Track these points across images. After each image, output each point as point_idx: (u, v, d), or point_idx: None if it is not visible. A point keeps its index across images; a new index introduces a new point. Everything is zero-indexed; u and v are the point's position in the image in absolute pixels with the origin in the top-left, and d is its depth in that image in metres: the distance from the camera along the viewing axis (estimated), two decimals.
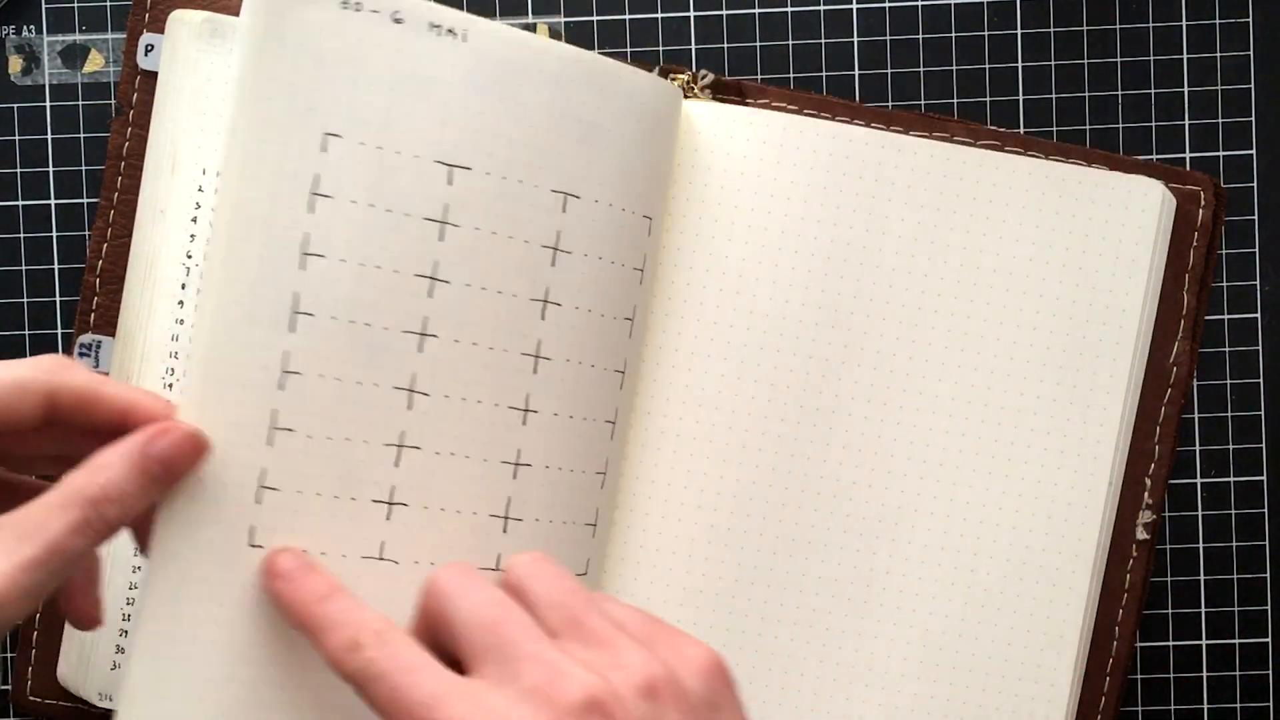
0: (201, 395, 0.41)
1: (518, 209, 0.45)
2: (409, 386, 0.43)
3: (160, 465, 0.38)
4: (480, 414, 0.45)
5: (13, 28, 0.53)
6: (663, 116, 0.48)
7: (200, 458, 0.40)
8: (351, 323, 0.42)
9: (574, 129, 0.45)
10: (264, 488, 0.42)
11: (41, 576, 0.36)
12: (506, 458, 0.45)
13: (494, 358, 0.45)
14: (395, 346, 0.43)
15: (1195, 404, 0.54)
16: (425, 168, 0.43)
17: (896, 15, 0.53)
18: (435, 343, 0.44)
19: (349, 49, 0.42)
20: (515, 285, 0.45)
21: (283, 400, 0.42)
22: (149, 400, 0.40)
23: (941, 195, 0.49)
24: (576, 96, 0.45)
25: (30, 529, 0.36)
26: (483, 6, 0.53)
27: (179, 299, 0.50)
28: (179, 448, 0.39)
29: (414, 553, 0.44)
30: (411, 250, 0.43)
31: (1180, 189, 0.50)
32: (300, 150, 0.42)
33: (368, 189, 0.42)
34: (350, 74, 0.42)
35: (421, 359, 0.44)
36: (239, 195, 0.41)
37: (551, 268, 0.45)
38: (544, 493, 0.46)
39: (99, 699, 0.51)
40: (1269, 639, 0.54)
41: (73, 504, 0.37)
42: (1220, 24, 0.53)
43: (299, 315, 0.42)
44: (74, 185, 0.53)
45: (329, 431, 0.42)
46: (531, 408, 0.45)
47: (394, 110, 0.43)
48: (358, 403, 0.43)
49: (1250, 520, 0.54)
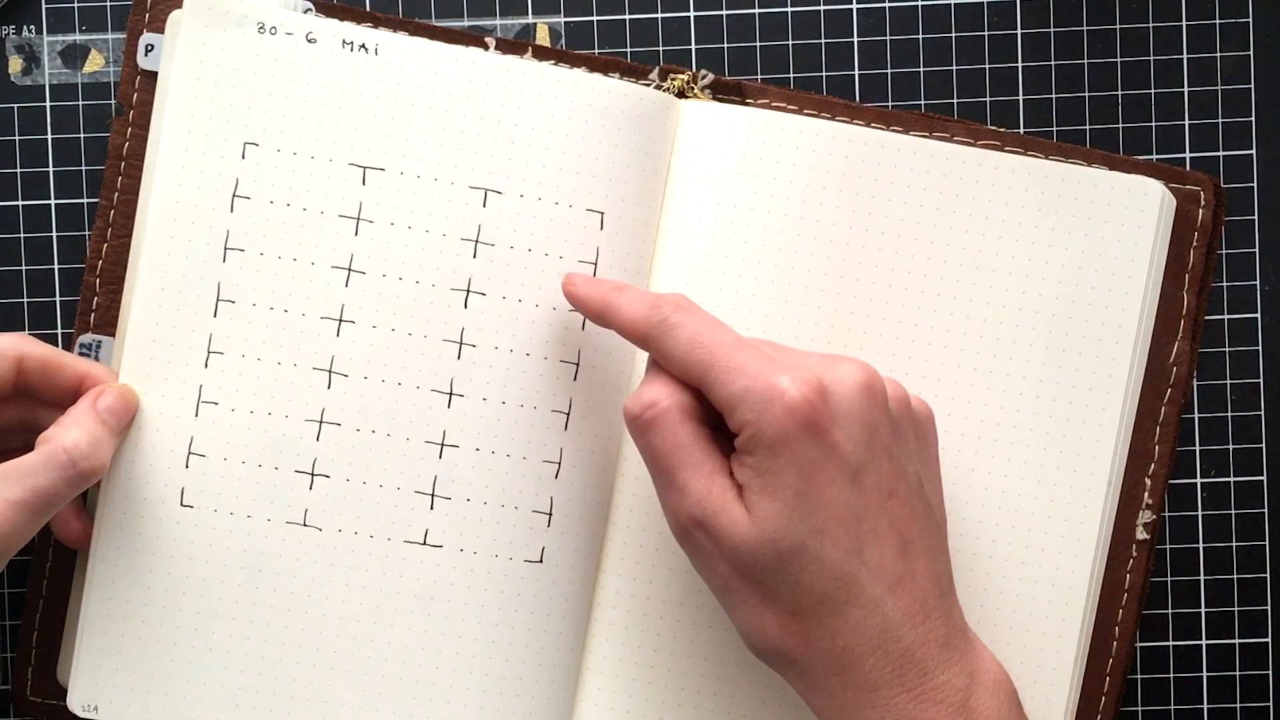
0: (135, 373, 0.49)
1: (433, 205, 0.49)
2: (328, 368, 0.49)
3: (110, 414, 0.47)
4: (401, 395, 0.49)
5: (13, 28, 0.53)
6: (615, 114, 0.49)
7: (135, 409, 0.48)
8: (271, 309, 0.49)
9: (491, 129, 0.49)
10: (193, 454, 0.49)
11: (26, 516, 0.44)
12: (431, 438, 0.49)
13: (413, 343, 0.49)
14: (313, 331, 0.49)
15: (1195, 404, 0.54)
16: (339, 170, 0.49)
17: (896, 15, 0.53)
18: (352, 328, 0.49)
19: (266, 67, 0.48)
20: (434, 276, 0.49)
21: (208, 377, 0.49)
22: (99, 370, 0.48)
23: (941, 195, 0.49)
24: (494, 98, 0.49)
25: (14, 476, 0.44)
26: (483, 6, 0.53)
27: None
28: (120, 400, 0.47)
29: (337, 521, 0.49)
30: (326, 244, 0.49)
31: (1180, 189, 0.50)
32: (222, 157, 0.48)
33: (284, 190, 0.49)
34: (267, 89, 0.48)
35: (339, 343, 0.49)
36: (167, 197, 0.48)
37: (473, 259, 0.49)
38: (474, 474, 0.49)
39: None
40: (1269, 639, 0.54)
41: (51, 455, 0.45)
42: (1220, 24, 0.53)
43: (222, 302, 0.49)
44: (74, 185, 0.53)
45: (251, 406, 0.49)
46: (457, 391, 0.49)
47: (308, 120, 0.49)
48: (278, 381, 0.49)
49: (1250, 520, 0.54)
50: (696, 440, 0.43)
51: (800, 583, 0.41)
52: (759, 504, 0.41)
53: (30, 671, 0.51)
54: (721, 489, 0.42)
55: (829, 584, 0.41)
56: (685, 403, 0.43)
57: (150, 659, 0.49)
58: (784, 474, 0.41)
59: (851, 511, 0.41)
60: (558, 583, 0.50)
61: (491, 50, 0.51)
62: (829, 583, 0.41)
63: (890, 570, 0.42)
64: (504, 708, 0.49)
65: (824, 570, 0.41)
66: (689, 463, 0.42)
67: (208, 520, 0.49)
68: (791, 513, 0.41)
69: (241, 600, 0.49)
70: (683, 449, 0.42)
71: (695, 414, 0.43)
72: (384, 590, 0.49)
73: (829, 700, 0.42)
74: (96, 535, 0.49)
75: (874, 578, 0.42)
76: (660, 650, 0.50)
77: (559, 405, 0.49)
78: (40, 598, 0.51)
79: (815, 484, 0.41)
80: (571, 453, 0.49)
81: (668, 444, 0.43)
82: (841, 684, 0.42)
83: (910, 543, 0.42)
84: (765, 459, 0.41)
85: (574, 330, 0.49)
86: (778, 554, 0.41)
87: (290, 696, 0.49)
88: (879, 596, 0.41)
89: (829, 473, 0.41)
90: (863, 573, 0.41)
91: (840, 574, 0.41)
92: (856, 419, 0.42)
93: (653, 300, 0.44)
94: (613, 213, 0.49)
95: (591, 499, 0.50)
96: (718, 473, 0.42)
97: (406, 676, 0.49)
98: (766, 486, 0.41)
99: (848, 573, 0.41)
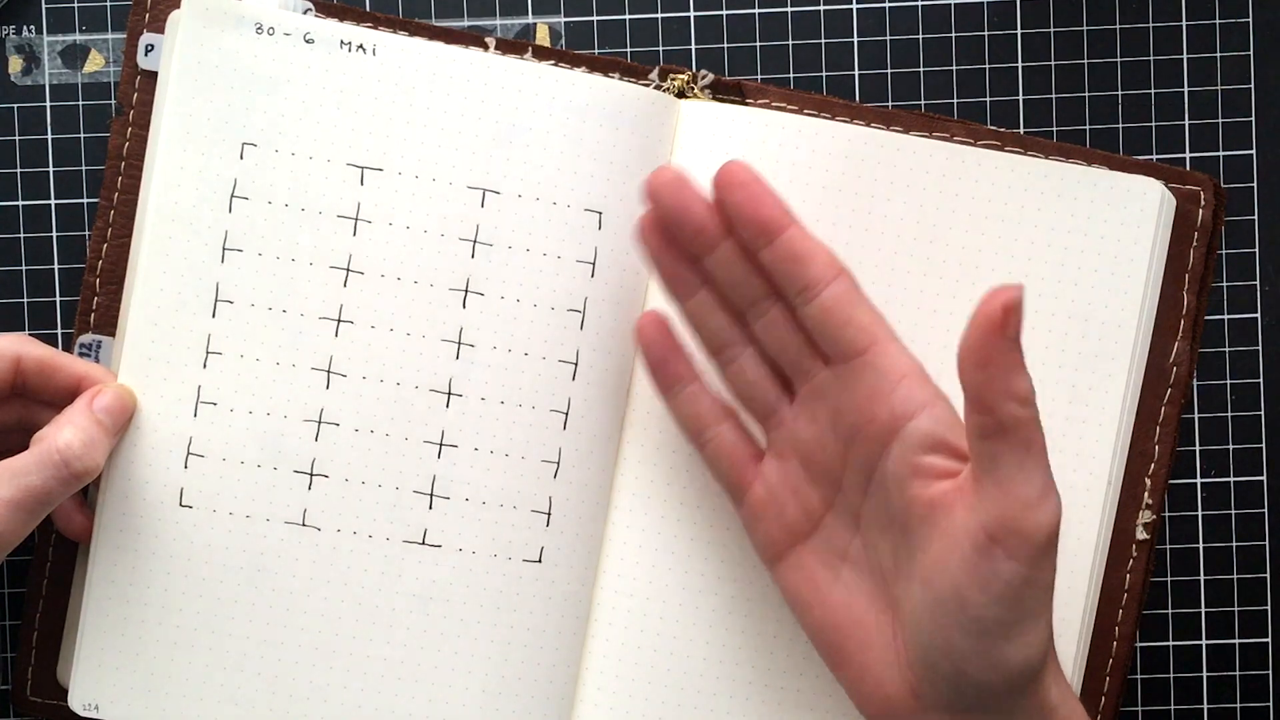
0: (134, 373, 0.48)
1: (431, 205, 0.49)
2: (326, 368, 0.49)
3: (107, 414, 0.47)
4: (399, 395, 0.49)
5: (13, 28, 0.53)
6: (614, 114, 0.49)
7: (132, 409, 0.48)
8: (269, 309, 0.49)
9: (489, 129, 0.49)
10: (192, 454, 0.49)
11: (20, 515, 0.44)
12: (429, 437, 0.49)
13: (412, 343, 0.49)
14: (311, 331, 0.49)
15: (1195, 404, 0.53)
16: (337, 170, 0.49)
17: (896, 15, 0.53)
18: (351, 328, 0.49)
19: (264, 68, 0.48)
20: (432, 275, 0.49)
21: (206, 377, 0.49)
22: (98, 370, 0.48)
23: (941, 195, 0.49)
24: (492, 98, 0.49)
25: (7, 476, 0.44)
26: (483, 6, 0.53)
27: None
28: (117, 400, 0.47)
29: (336, 521, 0.49)
30: (325, 244, 0.49)
31: (1180, 189, 0.50)
32: (220, 158, 0.48)
33: (282, 191, 0.49)
34: (265, 89, 0.48)
35: (338, 343, 0.49)
36: (165, 198, 0.48)
37: (471, 259, 0.49)
38: (473, 474, 0.49)
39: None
40: (1269, 639, 0.54)
41: (45, 454, 0.45)
42: (1220, 24, 0.53)
43: (220, 302, 0.49)
44: (74, 185, 0.53)
45: (250, 406, 0.49)
46: (455, 391, 0.49)
47: (306, 120, 0.48)
48: (276, 381, 0.49)
49: (1250, 520, 0.54)
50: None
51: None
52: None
53: (30, 671, 0.51)
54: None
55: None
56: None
57: (150, 658, 0.49)
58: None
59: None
60: (557, 582, 0.50)
61: (491, 50, 0.51)
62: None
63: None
64: (504, 708, 0.49)
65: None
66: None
67: (207, 520, 0.49)
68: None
69: (241, 600, 0.49)
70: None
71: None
72: (383, 590, 0.49)
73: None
74: (96, 535, 0.49)
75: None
76: (660, 650, 0.50)
77: (558, 405, 0.49)
78: (40, 597, 0.51)
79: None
80: (570, 452, 0.49)
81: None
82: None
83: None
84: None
85: (573, 330, 0.49)
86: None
87: (290, 696, 0.49)
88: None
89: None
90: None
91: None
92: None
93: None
94: (611, 213, 0.49)
95: (591, 499, 0.50)
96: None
97: (406, 676, 0.49)
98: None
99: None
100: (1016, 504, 0.39)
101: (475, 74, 0.49)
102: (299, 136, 0.49)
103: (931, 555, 0.41)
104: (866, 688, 0.44)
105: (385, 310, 0.49)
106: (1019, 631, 0.40)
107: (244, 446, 0.49)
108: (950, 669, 0.41)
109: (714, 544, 0.50)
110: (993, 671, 0.41)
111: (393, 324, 0.49)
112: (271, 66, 0.48)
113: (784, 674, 0.50)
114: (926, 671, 0.42)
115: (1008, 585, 0.40)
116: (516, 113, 0.49)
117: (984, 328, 0.39)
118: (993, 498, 0.40)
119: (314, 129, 0.49)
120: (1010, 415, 0.39)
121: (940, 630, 0.41)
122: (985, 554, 0.40)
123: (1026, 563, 0.40)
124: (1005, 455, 0.40)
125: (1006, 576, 0.40)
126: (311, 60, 0.48)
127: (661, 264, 0.46)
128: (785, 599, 0.46)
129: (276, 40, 0.48)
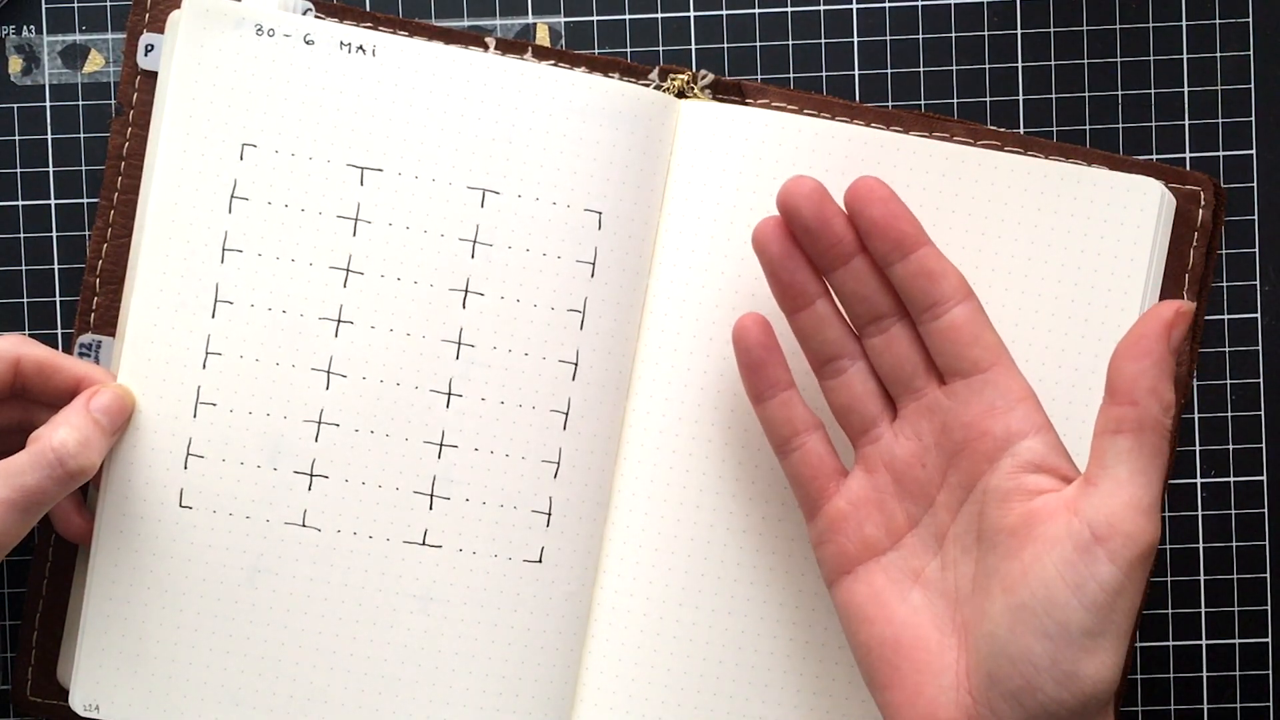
0: (133, 374, 0.48)
1: (431, 205, 0.49)
2: (326, 368, 0.49)
3: (104, 413, 0.47)
4: (399, 395, 0.49)
5: (13, 28, 0.53)
6: (614, 114, 0.49)
7: (131, 409, 0.48)
8: (269, 310, 0.49)
9: (489, 129, 0.49)
10: (191, 455, 0.49)
11: (15, 515, 0.44)
12: (429, 438, 0.49)
13: (412, 343, 0.49)
14: (311, 331, 0.49)
15: (1195, 404, 0.53)
16: (337, 171, 0.49)
17: (896, 15, 0.53)
18: (351, 329, 0.49)
19: (264, 68, 0.48)
20: (431, 276, 0.49)
21: (206, 378, 0.49)
22: (97, 371, 0.48)
23: (941, 195, 0.49)
24: (492, 99, 0.49)
25: (2, 475, 0.44)
26: (483, 6, 0.53)
27: None
28: (115, 399, 0.47)
29: (336, 521, 0.49)
30: (325, 244, 0.49)
31: (1180, 189, 0.50)
32: (220, 158, 0.48)
33: (282, 191, 0.49)
34: (265, 90, 0.48)
35: (338, 343, 0.49)
36: (165, 198, 0.48)
37: (471, 259, 0.49)
38: (473, 474, 0.49)
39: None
40: (1269, 639, 0.54)
41: (40, 453, 0.45)
42: (1220, 24, 0.53)
43: (220, 303, 0.49)
44: (74, 185, 0.53)
45: (249, 406, 0.49)
46: (455, 391, 0.49)
47: (306, 121, 0.49)
48: (276, 381, 0.49)
49: (1250, 520, 0.54)
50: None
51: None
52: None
53: (30, 671, 0.51)
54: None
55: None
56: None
57: (151, 659, 0.49)
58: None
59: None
60: (557, 582, 0.50)
61: (491, 50, 0.51)
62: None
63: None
64: (503, 708, 0.49)
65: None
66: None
67: (207, 521, 0.49)
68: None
69: (241, 600, 0.49)
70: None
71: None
72: (383, 590, 0.49)
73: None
74: (96, 536, 0.49)
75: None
76: (660, 650, 0.50)
77: (558, 405, 0.49)
78: (40, 597, 0.51)
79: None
80: (570, 452, 0.49)
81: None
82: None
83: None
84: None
85: (572, 330, 0.49)
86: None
87: (290, 696, 0.49)
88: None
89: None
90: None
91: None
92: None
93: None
94: (611, 213, 0.49)
95: (591, 499, 0.50)
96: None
97: (406, 676, 0.49)
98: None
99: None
100: (1129, 506, 0.40)
101: (475, 74, 0.49)
102: (299, 137, 0.49)
103: (1021, 562, 0.41)
104: (917, 712, 0.43)
105: (385, 310, 0.49)
106: (1100, 646, 0.40)
107: (244, 447, 0.49)
108: (1018, 684, 0.41)
109: (714, 544, 0.50)
110: (1064, 688, 0.40)
111: (393, 324, 0.49)
112: (271, 67, 0.48)
113: (784, 674, 0.50)
114: (990, 692, 0.41)
115: (1102, 589, 0.40)
116: (516, 113, 0.49)
117: (1153, 324, 0.40)
118: (1108, 494, 0.40)
119: (314, 129, 0.49)
120: (1151, 415, 0.40)
121: (1017, 638, 0.41)
122: (1086, 553, 0.40)
123: (1125, 568, 0.40)
124: (1131, 455, 0.40)
125: (1102, 578, 0.40)
126: (311, 61, 0.49)
127: (782, 272, 0.45)
128: (841, 613, 0.46)
129: (276, 41, 0.48)
